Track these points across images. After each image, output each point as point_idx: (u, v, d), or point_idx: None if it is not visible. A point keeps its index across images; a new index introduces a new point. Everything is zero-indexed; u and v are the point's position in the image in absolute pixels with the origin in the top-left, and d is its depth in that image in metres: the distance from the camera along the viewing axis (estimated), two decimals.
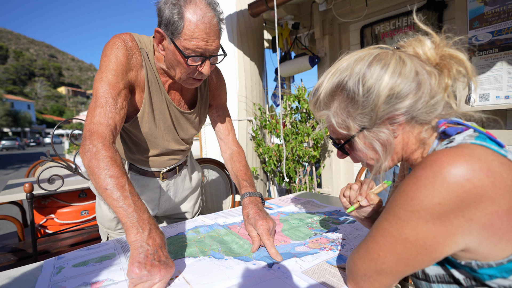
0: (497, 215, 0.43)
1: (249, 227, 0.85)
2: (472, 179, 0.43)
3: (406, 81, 0.54)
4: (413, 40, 0.58)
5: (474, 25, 2.04)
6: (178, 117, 1.05)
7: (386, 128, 0.57)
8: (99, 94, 0.79)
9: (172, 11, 0.79)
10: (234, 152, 1.15)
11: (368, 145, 0.60)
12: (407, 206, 0.47)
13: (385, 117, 0.56)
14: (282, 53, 3.55)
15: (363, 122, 0.58)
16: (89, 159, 0.72)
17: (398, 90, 0.54)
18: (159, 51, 0.90)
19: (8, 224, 3.85)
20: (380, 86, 0.54)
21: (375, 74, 0.55)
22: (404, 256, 0.49)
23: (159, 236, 0.68)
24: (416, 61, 0.56)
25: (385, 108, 0.55)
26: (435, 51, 0.56)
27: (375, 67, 0.55)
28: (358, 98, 0.56)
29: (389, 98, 0.54)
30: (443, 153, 0.47)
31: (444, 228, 0.45)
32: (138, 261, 0.61)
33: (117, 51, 0.84)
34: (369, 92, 0.55)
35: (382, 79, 0.54)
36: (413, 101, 0.54)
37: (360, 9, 2.81)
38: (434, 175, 0.45)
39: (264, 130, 3.38)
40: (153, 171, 1.13)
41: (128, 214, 0.66)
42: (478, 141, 0.47)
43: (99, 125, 0.76)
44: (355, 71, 0.56)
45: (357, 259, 0.56)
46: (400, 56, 0.56)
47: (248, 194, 0.97)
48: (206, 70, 0.87)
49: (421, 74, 0.54)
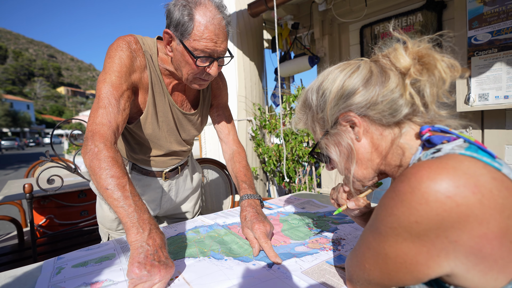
0: (486, 239, 0.38)
1: (246, 230, 0.85)
2: (454, 196, 0.38)
3: (354, 80, 0.55)
4: (389, 48, 0.58)
5: (473, 25, 2.04)
6: (180, 118, 1.05)
7: (346, 131, 0.58)
8: (102, 95, 0.80)
9: (183, 13, 0.81)
10: (234, 152, 1.15)
11: (331, 149, 0.61)
12: (385, 222, 0.45)
13: (336, 116, 0.58)
14: (282, 53, 3.55)
15: (323, 125, 0.61)
16: (90, 159, 0.73)
17: (345, 87, 0.56)
18: (167, 53, 0.91)
19: (8, 225, 3.85)
20: (332, 87, 0.57)
21: (331, 77, 0.58)
22: (386, 272, 0.47)
23: (159, 236, 0.68)
24: (376, 65, 0.57)
25: (335, 107, 0.57)
26: (407, 54, 0.54)
27: (334, 72, 0.59)
28: (314, 103, 0.61)
29: (337, 97, 0.57)
30: (425, 166, 0.42)
31: (425, 248, 0.41)
32: (138, 261, 0.61)
33: (121, 52, 0.85)
34: (323, 95, 0.59)
35: (335, 80, 0.57)
36: (362, 98, 0.54)
37: (360, 9, 2.81)
38: (412, 190, 0.41)
39: (263, 130, 3.38)
40: (155, 171, 1.13)
41: (129, 214, 0.67)
42: (468, 152, 0.43)
43: (101, 125, 0.77)
44: (317, 81, 0.62)
45: (350, 266, 0.56)
46: (363, 63, 0.58)
47: (247, 196, 0.97)
48: (214, 71, 0.88)
49: (374, 74, 0.55)
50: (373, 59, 0.60)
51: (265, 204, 1.26)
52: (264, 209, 1.19)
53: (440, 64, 0.51)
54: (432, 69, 0.52)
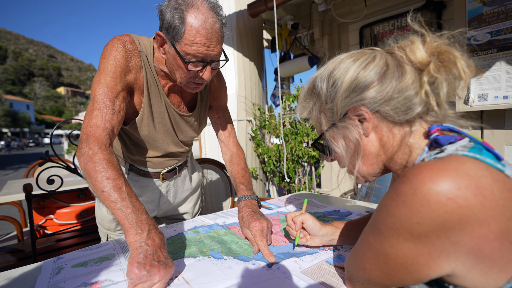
0: (486, 240, 0.38)
1: (245, 229, 0.85)
2: (456, 198, 0.38)
3: (369, 73, 0.52)
4: (405, 40, 0.55)
5: (472, 25, 2.04)
6: (177, 120, 1.05)
7: (354, 124, 0.55)
8: (97, 96, 0.79)
9: (173, 15, 0.78)
10: (233, 154, 1.15)
11: (337, 142, 0.58)
12: (387, 222, 0.45)
13: (346, 109, 0.55)
14: (282, 53, 3.55)
15: (330, 117, 0.58)
16: (85, 162, 0.72)
17: (359, 79, 0.52)
18: (160, 54, 0.89)
19: (7, 225, 3.84)
20: (345, 78, 0.54)
21: (343, 66, 0.55)
22: (386, 272, 0.47)
23: (158, 236, 0.68)
24: (392, 57, 0.53)
25: (346, 99, 0.54)
26: (425, 49, 0.51)
27: (346, 61, 0.55)
28: (323, 92, 0.57)
29: (350, 89, 0.53)
30: (427, 167, 0.42)
31: (426, 249, 0.42)
32: (138, 261, 0.61)
33: (116, 53, 0.84)
34: (334, 85, 0.55)
35: (348, 70, 0.54)
36: (376, 93, 0.51)
37: (359, 9, 2.81)
38: (414, 191, 0.41)
39: (263, 130, 3.38)
40: (152, 171, 1.13)
41: (127, 215, 0.66)
42: (471, 153, 0.42)
43: (95, 128, 0.76)
44: (327, 68, 0.58)
45: (350, 266, 0.56)
46: (378, 53, 0.54)
47: (244, 197, 0.97)
48: (207, 76, 0.86)
49: (390, 68, 0.52)
50: (388, 50, 0.56)
51: (265, 204, 1.27)
52: (264, 209, 1.19)
53: (460, 62, 0.49)
54: (451, 67, 0.49)
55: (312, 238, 0.76)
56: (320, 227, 0.75)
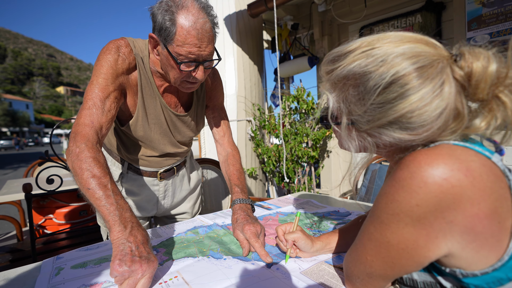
0: (477, 218, 0.42)
1: (237, 231, 0.86)
2: (449, 178, 0.41)
3: (428, 111, 0.44)
4: (478, 53, 0.45)
5: (472, 26, 2.05)
6: (174, 120, 1.05)
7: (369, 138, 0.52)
8: (88, 97, 0.82)
9: (164, 17, 0.79)
10: (229, 154, 1.15)
11: (350, 137, 0.55)
12: (387, 209, 0.46)
13: (377, 131, 0.50)
14: (282, 53, 3.55)
15: (359, 121, 0.51)
16: (72, 160, 0.73)
17: (417, 114, 0.45)
18: (154, 56, 0.91)
19: (7, 224, 3.84)
20: (406, 104, 0.44)
21: (414, 84, 0.44)
22: (388, 260, 0.48)
23: (141, 233, 0.69)
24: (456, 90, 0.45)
25: (386, 125, 0.48)
26: (491, 83, 0.44)
27: (414, 79, 0.44)
28: (371, 97, 0.47)
29: (398, 121, 0.46)
30: (422, 153, 0.45)
31: (424, 231, 0.44)
32: (119, 258, 0.61)
33: (109, 56, 0.86)
34: (385, 100, 0.46)
35: (416, 93, 0.44)
36: (413, 137, 0.47)
37: (359, 10, 2.81)
38: (412, 175, 0.43)
39: (263, 131, 3.38)
40: (149, 171, 1.13)
41: (110, 212, 0.67)
42: (461, 142, 0.46)
43: (83, 126, 0.78)
44: (390, 70, 0.45)
45: (350, 262, 0.56)
46: (446, 78, 0.44)
47: (239, 200, 0.99)
48: (200, 75, 0.87)
49: (448, 109, 0.44)
50: (451, 65, 0.46)
51: (264, 204, 1.27)
52: (264, 209, 1.19)
53: None
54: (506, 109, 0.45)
55: (303, 253, 0.75)
56: (312, 245, 0.73)
